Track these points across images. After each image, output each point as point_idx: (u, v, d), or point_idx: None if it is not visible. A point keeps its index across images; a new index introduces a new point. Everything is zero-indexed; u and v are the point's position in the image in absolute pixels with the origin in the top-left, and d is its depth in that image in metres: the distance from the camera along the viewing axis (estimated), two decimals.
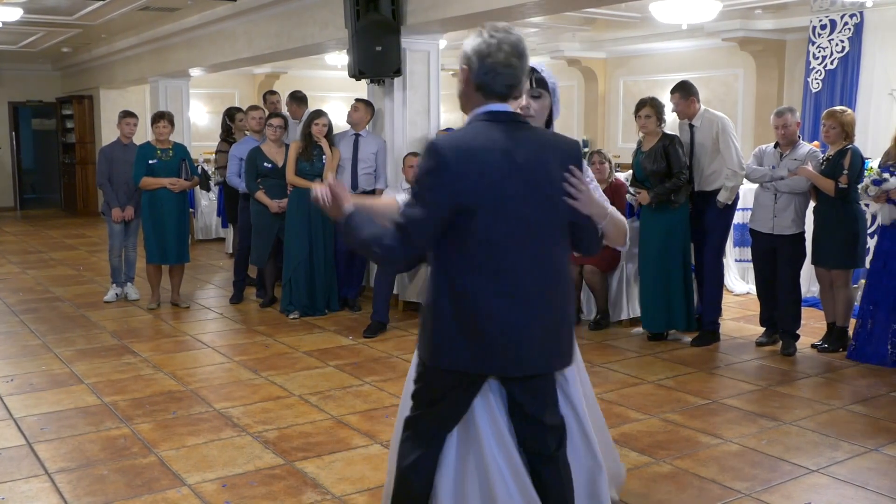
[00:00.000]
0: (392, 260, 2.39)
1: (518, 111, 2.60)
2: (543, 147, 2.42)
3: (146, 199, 7.12)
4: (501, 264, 2.34)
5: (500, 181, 2.31)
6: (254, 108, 7.89)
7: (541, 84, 2.65)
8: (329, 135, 6.95)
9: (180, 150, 7.26)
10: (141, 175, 7.03)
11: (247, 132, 7.89)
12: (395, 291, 6.92)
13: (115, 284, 7.70)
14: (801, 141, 5.84)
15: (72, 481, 3.70)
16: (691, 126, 5.94)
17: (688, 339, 6.08)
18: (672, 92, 5.94)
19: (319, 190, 2.51)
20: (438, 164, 2.29)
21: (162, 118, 7.13)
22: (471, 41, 2.36)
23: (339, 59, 11.55)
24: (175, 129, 7.39)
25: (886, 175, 5.27)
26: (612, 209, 2.62)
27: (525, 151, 2.36)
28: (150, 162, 7.04)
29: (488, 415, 2.55)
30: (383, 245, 2.34)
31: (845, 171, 5.45)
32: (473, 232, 2.32)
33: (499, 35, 2.33)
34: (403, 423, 2.63)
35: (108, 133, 14.01)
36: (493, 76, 2.34)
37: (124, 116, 7.57)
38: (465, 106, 2.45)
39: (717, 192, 5.85)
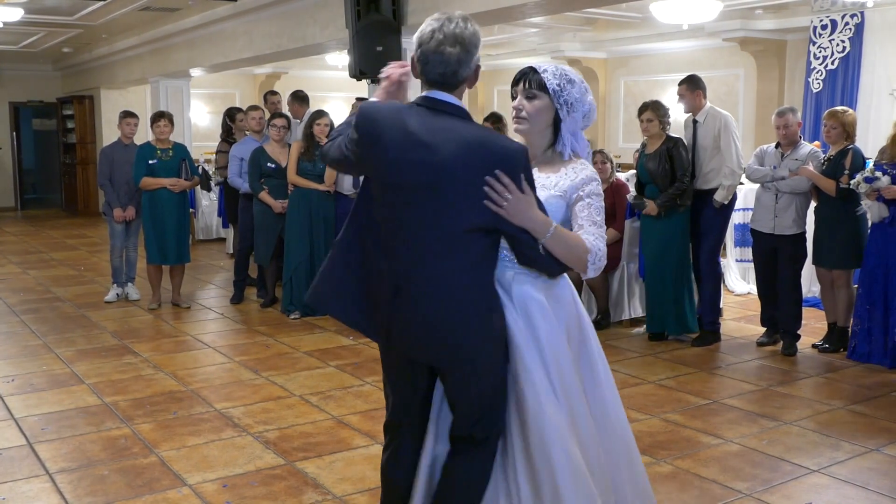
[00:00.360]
0: (323, 154, 2.59)
1: (513, 109, 2.57)
2: (470, 144, 2.28)
3: (146, 200, 7.11)
4: (385, 241, 2.39)
5: (390, 163, 2.32)
6: (254, 108, 7.89)
7: (538, 86, 2.50)
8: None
9: (180, 150, 7.25)
10: (141, 175, 7.02)
11: (247, 132, 7.90)
12: None
13: (115, 284, 7.70)
14: (802, 141, 5.84)
15: (72, 481, 3.70)
16: (695, 122, 5.94)
17: (689, 339, 6.08)
18: (680, 83, 5.96)
19: (396, 70, 2.59)
20: (352, 122, 2.44)
21: (162, 118, 7.12)
22: (419, 28, 2.40)
23: (340, 59, 11.54)
24: (176, 130, 7.39)
25: (879, 173, 5.27)
26: (579, 228, 2.44)
27: (435, 142, 2.27)
28: (150, 162, 7.03)
29: (437, 405, 2.58)
30: (328, 141, 2.57)
31: (846, 171, 5.44)
32: (369, 201, 2.44)
33: (436, 23, 2.32)
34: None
35: (109, 133, 14.03)
36: (425, 63, 2.34)
37: (125, 116, 7.57)
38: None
39: (714, 191, 5.85)
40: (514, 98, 2.60)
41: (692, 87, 5.91)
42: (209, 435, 4.26)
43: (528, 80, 2.52)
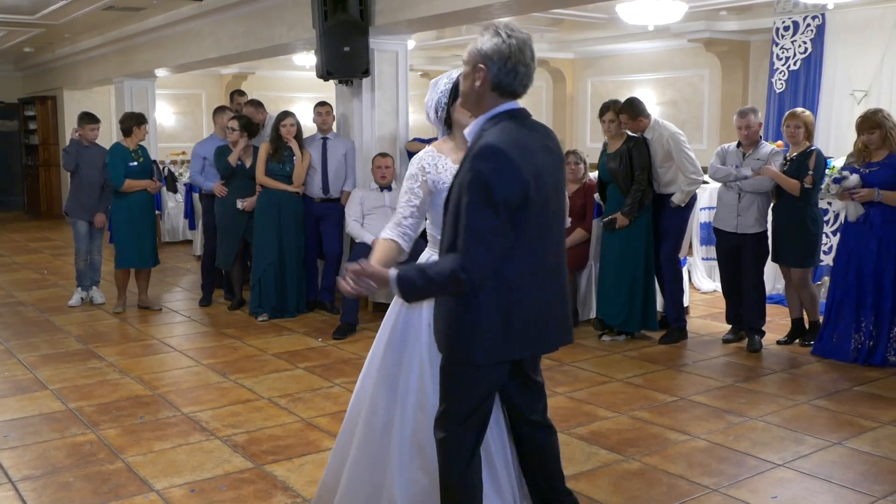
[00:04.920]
0: (482, 277, 2.34)
1: None
2: (557, 144, 2.62)
3: (123, 204, 6.99)
4: (537, 253, 2.47)
5: (545, 175, 2.44)
6: (223, 108, 7.86)
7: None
8: (299, 136, 6.93)
9: (147, 152, 7.21)
10: (122, 178, 6.90)
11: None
12: None
13: (80, 288, 7.59)
14: (763, 141, 5.93)
15: (36, 489, 3.64)
16: (644, 139, 5.98)
17: (653, 337, 6.14)
18: (620, 112, 5.90)
19: (345, 283, 2.42)
20: (504, 164, 2.31)
21: (147, 122, 7.09)
22: (489, 41, 2.42)
23: (308, 59, 11.48)
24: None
25: (846, 173, 5.37)
26: None
27: (551, 147, 2.54)
28: (131, 164, 6.94)
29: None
30: (468, 270, 2.29)
31: (810, 172, 5.53)
32: (519, 224, 2.37)
33: (520, 35, 2.43)
34: (443, 445, 2.60)
35: None
36: (515, 75, 2.42)
37: (89, 122, 7.41)
38: (477, 105, 2.48)
39: (672, 193, 5.94)
40: None
41: (633, 114, 5.86)
42: (176, 439, 4.21)
43: None
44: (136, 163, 6.96)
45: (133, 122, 7.05)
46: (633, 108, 5.88)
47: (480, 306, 2.42)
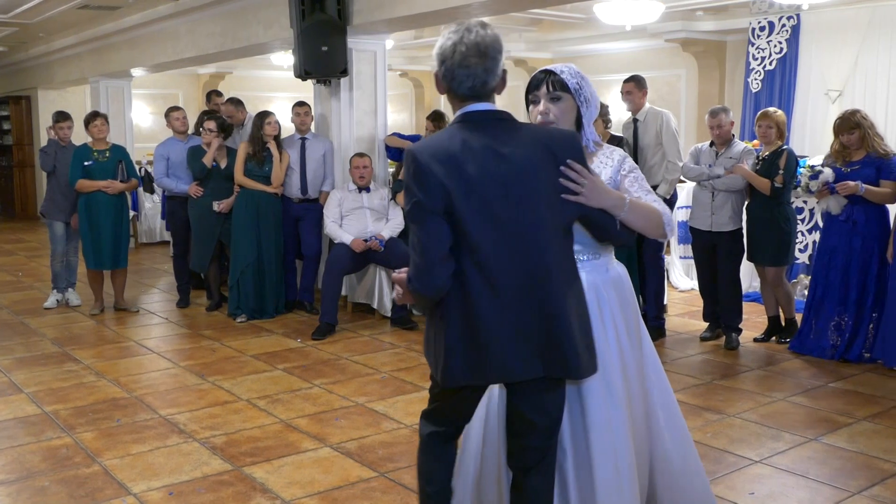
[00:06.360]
0: (429, 287, 2.24)
1: (540, 114, 2.55)
2: (532, 143, 2.28)
3: (82, 203, 6.93)
4: (489, 270, 2.23)
5: (479, 183, 2.20)
6: (175, 108, 7.79)
7: (560, 87, 2.55)
8: (277, 136, 6.90)
9: (118, 152, 7.08)
10: (77, 177, 6.84)
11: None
12: (343, 293, 6.89)
13: (55, 290, 7.51)
14: (736, 140, 5.99)
15: (11, 494, 3.60)
16: (635, 121, 6.08)
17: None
18: (626, 81, 6.09)
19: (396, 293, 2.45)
20: (419, 170, 2.20)
21: (97, 117, 6.95)
22: (438, 42, 2.29)
23: (285, 59, 11.41)
24: (118, 131, 7.24)
25: (819, 168, 5.42)
26: (639, 199, 2.51)
27: (507, 149, 2.24)
28: (86, 164, 6.86)
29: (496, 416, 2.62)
30: (412, 279, 2.25)
31: (781, 171, 5.59)
32: (463, 237, 2.22)
33: (456, 35, 2.24)
34: (421, 418, 2.60)
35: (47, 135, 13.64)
36: (452, 79, 2.26)
37: (58, 120, 7.37)
38: (452, 108, 2.38)
39: (657, 186, 5.98)
40: (533, 104, 2.59)
41: (639, 86, 6.07)
42: (154, 442, 4.18)
43: (549, 83, 2.56)
44: (91, 162, 6.86)
45: (84, 122, 6.99)
46: (639, 80, 6.08)
47: (445, 322, 2.28)
